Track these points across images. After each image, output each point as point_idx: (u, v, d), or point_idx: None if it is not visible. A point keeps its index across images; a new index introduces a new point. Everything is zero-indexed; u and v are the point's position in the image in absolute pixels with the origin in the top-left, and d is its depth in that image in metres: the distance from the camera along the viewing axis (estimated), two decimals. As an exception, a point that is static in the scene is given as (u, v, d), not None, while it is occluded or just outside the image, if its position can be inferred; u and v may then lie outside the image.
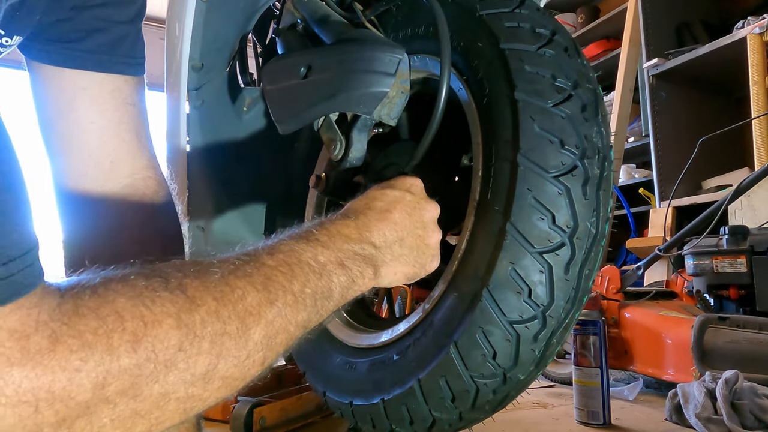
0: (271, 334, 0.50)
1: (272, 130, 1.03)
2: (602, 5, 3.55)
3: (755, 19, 2.34)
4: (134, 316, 0.41)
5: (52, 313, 0.38)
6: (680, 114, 2.71)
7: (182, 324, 0.43)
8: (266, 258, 0.53)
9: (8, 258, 0.36)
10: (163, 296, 0.43)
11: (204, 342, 0.44)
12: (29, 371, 0.36)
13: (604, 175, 0.68)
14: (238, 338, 0.47)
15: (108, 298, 0.41)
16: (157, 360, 0.41)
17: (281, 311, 0.51)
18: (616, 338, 1.45)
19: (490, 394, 0.68)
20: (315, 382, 0.90)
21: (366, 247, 0.64)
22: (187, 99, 1.05)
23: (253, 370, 0.49)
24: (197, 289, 0.46)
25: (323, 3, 0.86)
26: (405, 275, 0.69)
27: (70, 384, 0.38)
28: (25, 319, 0.37)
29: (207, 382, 0.45)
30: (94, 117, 0.78)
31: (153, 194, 0.83)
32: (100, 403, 0.39)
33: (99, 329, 0.39)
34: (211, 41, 1.02)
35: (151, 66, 0.87)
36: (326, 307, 0.58)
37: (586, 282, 0.67)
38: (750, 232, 1.41)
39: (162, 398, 0.42)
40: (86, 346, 0.38)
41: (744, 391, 1.03)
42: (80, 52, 0.76)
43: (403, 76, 0.72)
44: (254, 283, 0.50)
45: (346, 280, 0.60)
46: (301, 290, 0.53)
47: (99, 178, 0.79)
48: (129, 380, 0.40)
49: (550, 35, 0.72)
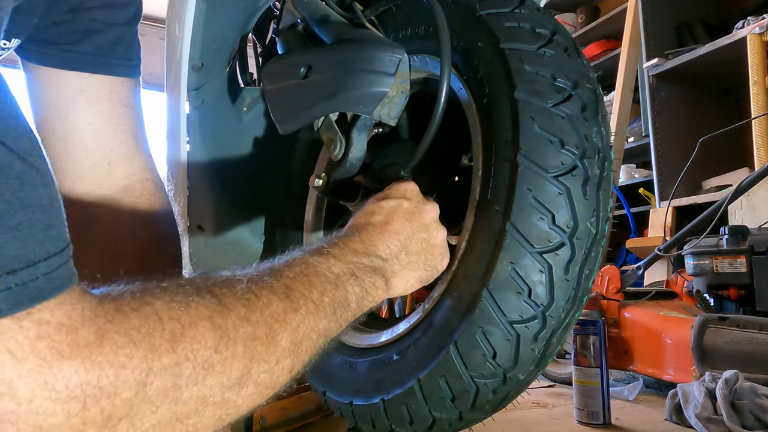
0: (296, 341, 0.50)
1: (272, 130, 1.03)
2: (602, 5, 3.55)
3: (755, 19, 2.34)
4: (171, 318, 0.41)
5: (96, 310, 0.38)
6: (680, 114, 2.71)
7: (216, 326, 0.44)
8: (284, 270, 0.54)
9: (48, 254, 0.36)
10: (197, 300, 0.44)
11: (238, 345, 0.45)
12: (79, 365, 0.36)
13: (604, 175, 0.68)
14: (268, 343, 0.47)
15: (146, 300, 0.42)
16: (195, 361, 0.42)
17: (304, 318, 0.52)
18: (616, 338, 1.45)
19: (490, 394, 0.68)
20: (315, 382, 0.90)
21: (374, 260, 0.64)
22: (187, 99, 1.05)
23: (282, 378, 0.49)
24: (226, 296, 0.46)
25: (323, 3, 0.86)
26: (418, 280, 0.70)
27: (117, 379, 0.37)
28: (72, 314, 0.37)
29: (242, 387, 0.45)
30: (92, 119, 0.78)
31: (150, 196, 0.83)
32: (143, 404, 0.39)
33: (141, 327, 0.39)
34: (211, 41, 1.02)
35: (151, 66, 0.87)
36: (344, 316, 0.58)
37: (586, 282, 0.67)
38: (750, 232, 1.41)
39: (200, 402, 0.42)
40: (131, 343, 0.38)
41: (744, 391, 1.03)
42: (77, 54, 0.76)
43: (403, 76, 0.72)
44: (276, 292, 0.51)
45: (360, 291, 0.61)
46: (320, 299, 0.54)
47: (96, 179, 0.80)
48: (170, 380, 0.40)
49: (550, 35, 0.72)
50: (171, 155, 1.10)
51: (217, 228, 1.14)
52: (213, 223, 1.14)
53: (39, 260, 0.36)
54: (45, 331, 0.36)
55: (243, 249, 1.18)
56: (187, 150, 1.08)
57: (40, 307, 0.36)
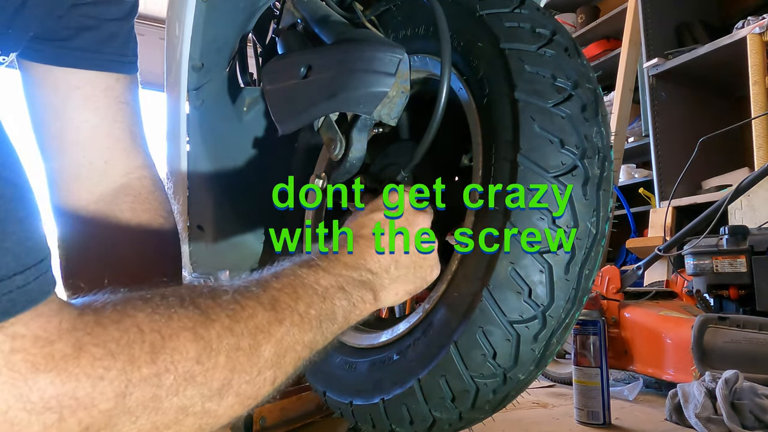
0: (280, 353, 0.50)
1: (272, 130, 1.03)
2: (602, 5, 3.55)
3: (755, 19, 2.33)
4: (153, 330, 0.42)
5: (74, 322, 0.39)
6: (680, 114, 2.71)
7: (199, 337, 0.44)
8: (272, 281, 0.55)
9: (24, 266, 0.36)
10: (180, 312, 0.44)
11: (220, 356, 0.45)
12: (54, 377, 0.36)
13: (604, 175, 0.68)
14: (251, 354, 0.48)
15: (127, 312, 0.42)
16: (176, 371, 0.42)
17: (289, 330, 0.52)
18: (616, 338, 1.45)
19: (490, 394, 0.68)
20: (315, 382, 0.90)
21: (364, 273, 0.64)
22: (187, 99, 1.05)
23: (263, 390, 0.49)
24: (211, 307, 0.47)
25: (323, 3, 0.86)
26: (407, 293, 0.70)
27: (94, 391, 0.37)
28: (47, 326, 0.37)
29: (222, 397, 0.45)
30: (88, 116, 0.77)
31: (149, 194, 0.82)
32: (123, 415, 0.39)
33: (121, 340, 0.40)
34: (211, 41, 1.02)
35: (151, 66, 0.86)
36: (331, 329, 0.58)
37: (587, 282, 0.67)
38: (750, 232, 1.41)
39: (181, 412, 0.42)
40: (109, 355, 0.39)
41: (744, 391, 1.03)
42: (71, 50, 0.75)
43: (403, 76, 0.72)
44: (262, 303, 0.51)
45: (348, 305, 0.61)
46: (306, 311, 0.55)
47: (93, 177, 0.79)
48: (150, 390, 0.40)
49: (550, 35, 0.72)
50: (171, 155, 1.10)
51: (217, 228, 1.14)
52: (213, 223, 1.14)
53: (14, 273, 0.35)
54: (19, 344, 0.36)
55: (243, 249, 1.18)
56: (187, 150, 1.08)
57: (13, 320, 0.36)
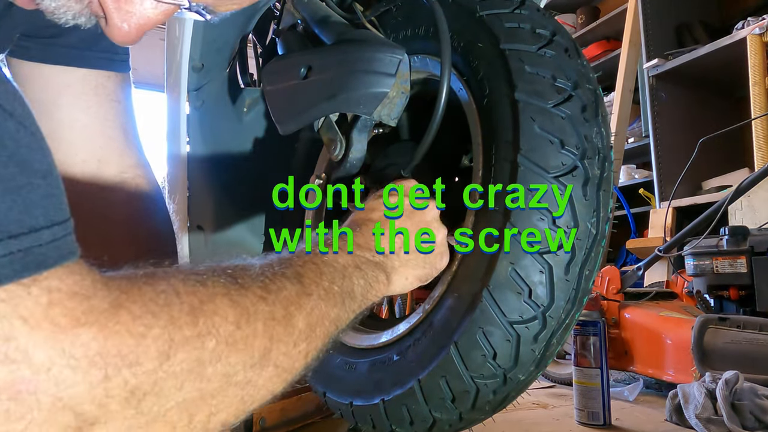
0: (311, 325, 0.50)
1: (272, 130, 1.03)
2: (602, 6, 3.55)
3: (755, 19, 2.34)
4: (188, 293, 0.40)
5: (108, 282, 0.37)
6: (680, 114, 2.71)
7: (235, 303, 0.42)
8: (294, 259, 0.55)
9: (52, 221, 0.34)
10: (213, 279, 0.43)
11: (258, 322, 0.43)
12: (97, 332, 0.34)
13: (605, 175, 0.68)
14: (286, 324, 0.47)
15: (160, 276, 0.40)
16: (218, 335, 0.40)
17: (317, 303, 0.52)
18: (616, 339, 1.45)
19: (491, 395, 0.68)
20: (315, 383, 0.90)
21: (375, 255, 0.65)
22: (187, 99, 1.05)
23: (298, 363, 0.48)
24: (242, 277, 0.46)
25: (323, 3, 0.86)
26: (417, 278, 0.70)
27: (138, 348, 0.35)
28: (82, 283, 0.35)
29: (263, 367, 0.44)
30: (79, 114, 0.77)
31: (143, 193, 0.82)
32: (168, 379, 0.37)
33: (158, 299, 0.38)
34: (211, 42, 1.02)
35: (151, 66, 0.86)
36: (351, 307, 0.58)
37: (587, 282, 0.67)
38: (750, 233, 1.41)
39: (224, 380, 0.40)
40: (149, 314, 0.36)
41: (744, 391, 1.03)
42: (60, 48, 0.74)
43: (403, 76, 0.72)
44: (289, 278, 0.50)
45: (364, 283, 0.61)
46: (330, 287, 0.55)
47: (87, 178, 0.78)
48: (194, 353, 0.38)
49: (551, 36, 0.72)
50: (171, 156, 1.10)
51: (217, 228, 1.14)
52: (213, 223, 1.14)
53: (42, 227, 0.33)
54: (57, 297, 0.33)
55: (243, 249, 1.18)
56: (188, 150, 1.09)
57: (47, 274, 0.33)
